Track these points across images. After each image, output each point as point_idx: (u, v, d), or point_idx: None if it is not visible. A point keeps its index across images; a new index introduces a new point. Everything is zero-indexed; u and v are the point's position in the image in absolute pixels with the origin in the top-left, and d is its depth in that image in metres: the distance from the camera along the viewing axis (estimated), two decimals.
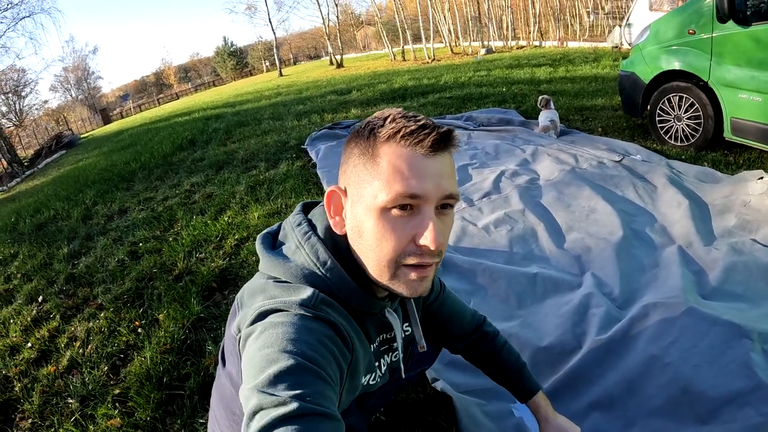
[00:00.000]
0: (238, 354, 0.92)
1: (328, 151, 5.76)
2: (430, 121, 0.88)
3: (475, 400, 1.83)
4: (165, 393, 2.27)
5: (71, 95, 61.06)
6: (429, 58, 22.06)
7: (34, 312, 3.42)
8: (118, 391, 2.36)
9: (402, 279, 0.89)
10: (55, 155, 20.07)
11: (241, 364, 0.87)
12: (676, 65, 4.46)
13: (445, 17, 26.03)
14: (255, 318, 0.87)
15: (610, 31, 16.44)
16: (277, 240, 1.05)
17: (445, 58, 21.82)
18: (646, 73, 4.81)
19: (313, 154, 5.91)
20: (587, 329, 2.15)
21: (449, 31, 26.11)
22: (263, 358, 0.76)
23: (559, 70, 10.78)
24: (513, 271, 2.68)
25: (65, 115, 46.53)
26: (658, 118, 4.75)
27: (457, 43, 26.34)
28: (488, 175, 4.19)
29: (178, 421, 2.08)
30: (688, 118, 4.44)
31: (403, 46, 26.60)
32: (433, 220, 0.85)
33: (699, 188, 3.50)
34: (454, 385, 1.90)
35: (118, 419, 2.16)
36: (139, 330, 2.87)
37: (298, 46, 71.11)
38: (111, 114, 49.22)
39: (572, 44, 19.09)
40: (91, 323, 3.07)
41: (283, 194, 4.71)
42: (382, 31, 29.29)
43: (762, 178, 3.30)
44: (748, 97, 3.82)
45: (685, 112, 4.45)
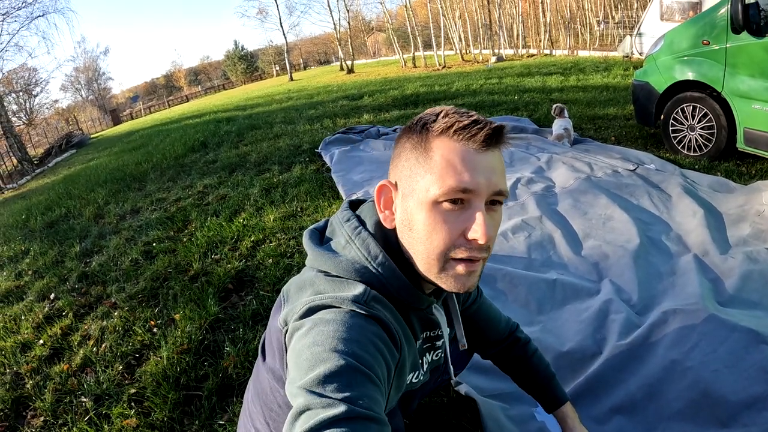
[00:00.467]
0: (283, 347, 0.92)
1: (342, 156, 5.76)
2: (481, 116, 0.88)
3: (498, 403, 1.84)
4: (182, 393, 2.26)
5: (81, 95, 61.36)
6: (440, 65, 22.14)
7: (47, 309, 3.43)
8: (133, 391, 2.34)
9: (450, 272, 0.89)
10: (65, 154, 20.20)
11: (286, 358, 0.88)
12: (690, 75, 4.46)
13: (456, 24, 26.12)
14: (304, 312, 0.87)
15: (621, 40, 16.45)
16: (324, 236, 1.05)
17: (456, 65, 21.87)
18: (659, 83, 4.81)
19: (327, 158, 5.92)
20: (607, 335, 2.16)
21: (460, 38, 26.19)
22: (312, 357, 0.76)
23: (570, 78, 10.78)
24: (532, 276, 2.69)
25: (75, 115, 46.74)
26: (671, 128, 4.75)
27: (468, 51, 26.42)
28: None
29: (196, 422, 2.07)
30: (701, 128, 4.44)
31: (413, 53, 26.68)
32: (484, 215, 0.85)
33: (713, 198, 3.50)
34: (477, 389, 1.90)
35: (134, 419, 2.15)
36: (155, 330, 2.86)
37: (308, 51, 71.22)
38: (121, 115, 49.48)
39: (583, 53, 19.11)
40: (104, 322, 3.06)
41: (298, 197, 4.72)
42: (393, 38, 29.36)
43: None
44: (761, 108, 3.82)
45: (699, 122, 4.45)
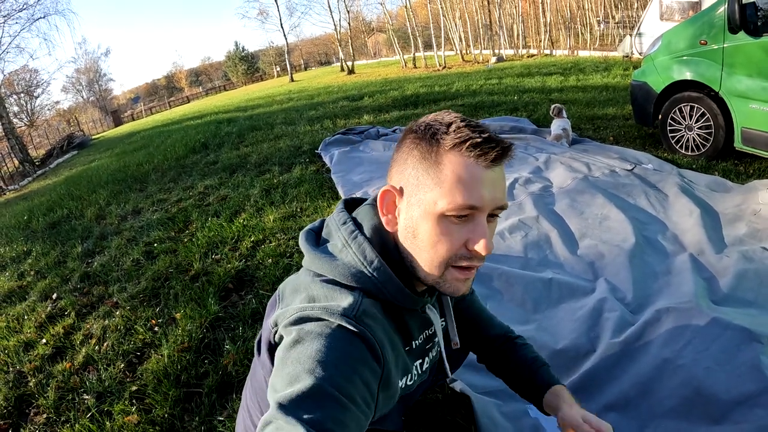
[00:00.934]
0: (272, 346, 0.97)
1: (342, 157, 5.79)
2: (493, 132, 0.91)
3: (492, 400, 1.87)
4: (183, 391, 2.30)
5: (83, 97, 61.44)
6: (440, 66, 22.15)
7: (49, 309, 3.47)
8: (135, 388, 2.38)
9: (448, 278, 0.94)
10: (67, 155, 20.23)
11: (274, 356, 0.92)
12: (688, 75, 4.48)
13: (456, 25, 26.13)
14: (294, 321, 0.89)
15: (621, 40, 16.47)
16: (320, 237, 1.08)
17: (456, 65, 21.88)
18: (657, 83, 4.83)
19: (326, 159, 5.94)
20: (601, 333, 2.19)
21: (460, 38, 26.19)
22: (292, 373, 0.80)
23: (570, 79, 10.80)
24: (528, 276, 2.71)
25: (76, 116, 46.74)
26: (669, 128, 4.77)
27: (468, 51, 26.42)
28: None
29: (196, 419, 2.10)
30: (699, 128, 4.46)
31: (414, 54, 26.69)
32: (486, 229, 0.90)
33: (710, 197, 3.52)
34: (471, 386, 1.92)
35: (136, 416, 2.18)
36: (156, 328, 2.90)
37: (309, 52, 71.22)
38: (122, 116, 49.50)
39: (583, 53, 19.12)
40: (106, 321, 3.10)
41: (298, 198, 4.74)
42: (393, 39, 29.37)
43: None
44: (758, 108, 3.84)
45: (696, 121, 4.47)
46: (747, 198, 3.36)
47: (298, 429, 0.72)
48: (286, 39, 38.09)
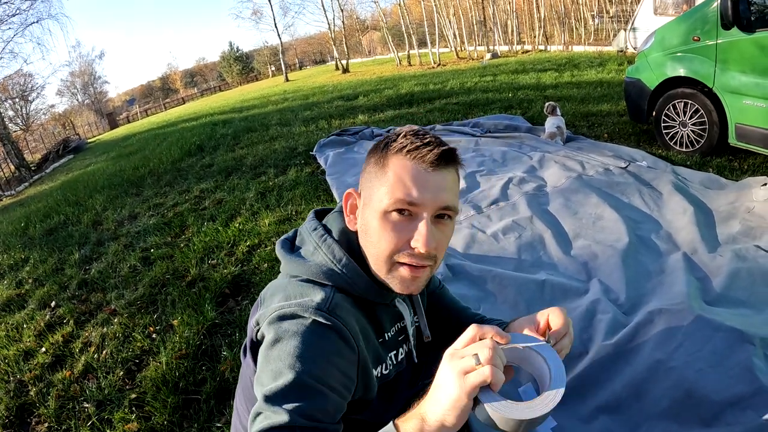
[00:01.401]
0: (254, 345, 1.05)
1: (336, 158, 5.80)
2: (437, 139, 1.00)
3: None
4: (181, 397, 2.31)
5: (78, 100, 61.25)
6: (435, 63, 22.14)
7: (48, 317, 3.47)
8: (134, 396, 2.40)
9: (396, 275, 1.01)
10: (63, 160, 20.19)
11: (256, 355, 0.99)
12: (681, 72, 4.50)
13: (450, 22, 26.11)
14: (273, 319, 0.96)
15: (615, 35, 16.48)
16: (294, 245, 1.16)
17: (451, 62, 21.88)
18: (651, 80, 4.85)
19: (321, 161, 5.96)
20: (594, 335, 2.19)
21: (454, 35, 26.19)
22: (275, 370, 0.89)
23: (565, 75, 10.81)
24: (522, 278, 2.73)
25: (72, 120, 46.68)
26: (663, 124, 4.79)
27: (463, 48, 26.40)
28: (496, 183, 4.23)
29: (195, 425, 2.12)
30: (693, 124, 4.48)
31: (408, 51, 26.66)
32: (428, 227, 0.96)
33: (704, 195, 3.54)
34: None
35: (136, 423, 2.20)
36: (154, 335, 2.91)
37: (303, 51, 71.09)
38: (118, 118, 49.26)
39: (577, 48, 19.11)
40: (105, 328, 3.11)
41: (293, 201, 4.76)
42: (388, 36, 29.39)
43: (766, 184, 3.34)
44: (752, 103, 3.85)
45: (690, 118, 4.48)
46: (741, 195, 3.38)
47: (283, 416, 0.82)
48: (281, 38, 38.04)
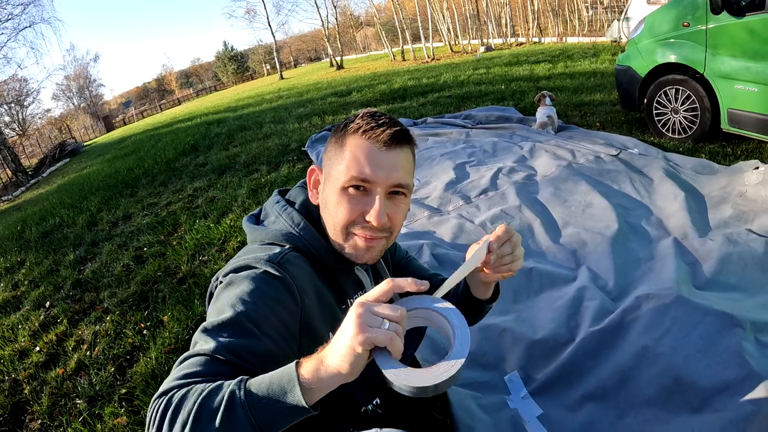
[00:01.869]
0: (212, 295, 1.10)
1: None
2: (392, 120, 1.07)
3: (470, 392, 1.87)
4: None
5: (73, 103, 61.05)
6: (429, 58, 22.06)
7: (42, 317, 3.49)
8: (124, 391, 2.43)
9: (351, 243, 1.09)
10: (59, 163, 20.13)
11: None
12: (672, 58, 4.48)
13: (443, 16, 26.05)
14: (229, 270, 1.04)
15: (609, 25, 16.44)
16: (259, 220, 1.24)
17: (445, 57, 21.82)
18: (642, 67, 4.84)
19: (313, 156, 5.98)
20: (581, 322, 2.18)
21: (448, 29, 26.12)
22: (220, 308, 0.96)
23: (558, 66, 10.79)
24: None
25: (68, 123, 46.64)
26: (655, 112, 4.77)
27: (457, 42, 26.33)
28: (485, 173, 4.23)
29: None
30: (685, 111, 4.47)
31: (402, 46, 26.60)
32: (380, 202, 1.03)
33: (696, 180, 3.53)
34: None
35: (125, 418, 2.24)
36: (145, 332, 2.93)
37: (298, 49, 70.93)
38: (114, 121, 49.19)
39: (571, 39, 19.06)
40: (97, 326, 3.14)
41: None
42: (381, 32, 29.28)
43: (758, 168, 3.32)
44: (744, 88, 3.84)
45: (682, 104, 4.47)
46: (732, 180, 3.37)
47: (210, 345, 0.87)
48: (274, 37, 38.06)
